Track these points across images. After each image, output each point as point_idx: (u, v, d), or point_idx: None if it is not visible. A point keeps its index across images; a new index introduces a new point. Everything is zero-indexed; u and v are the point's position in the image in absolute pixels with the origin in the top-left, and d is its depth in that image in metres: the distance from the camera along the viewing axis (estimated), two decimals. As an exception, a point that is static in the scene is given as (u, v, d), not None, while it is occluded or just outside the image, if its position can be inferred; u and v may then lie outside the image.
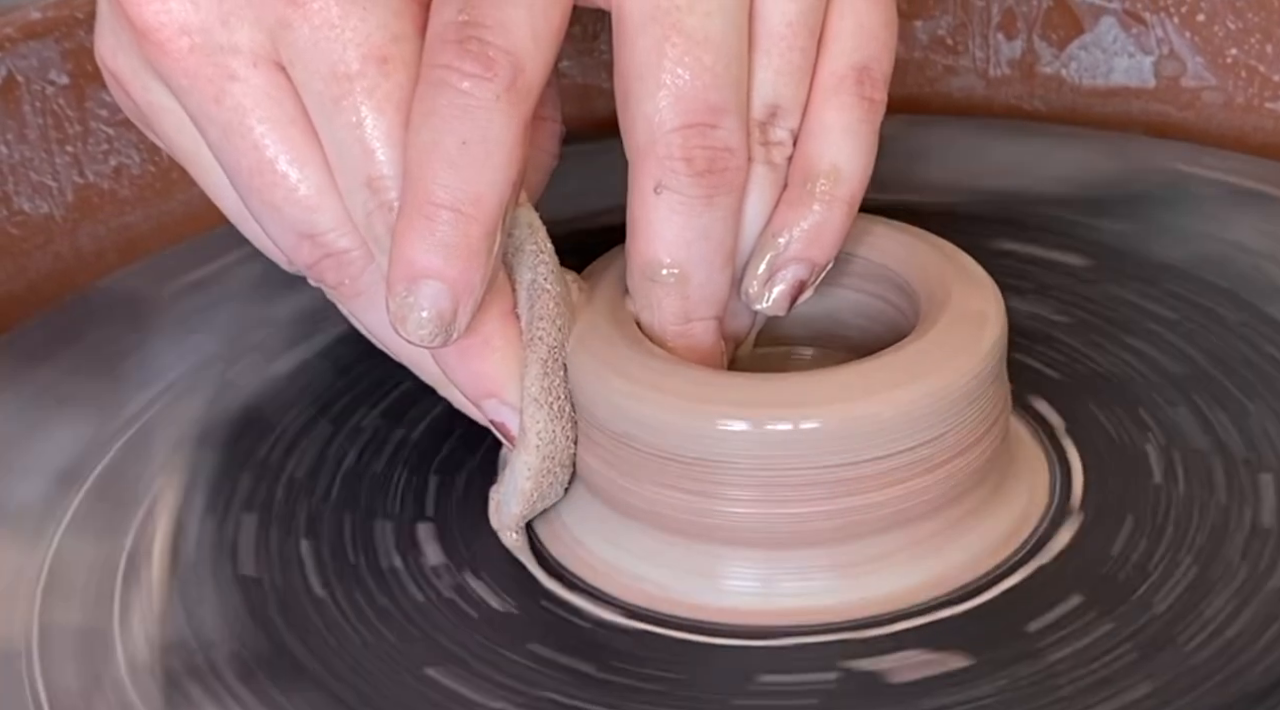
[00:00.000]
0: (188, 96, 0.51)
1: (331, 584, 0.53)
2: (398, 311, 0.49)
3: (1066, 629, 0.49)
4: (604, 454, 0.51)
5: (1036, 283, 0.64)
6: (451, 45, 0.48)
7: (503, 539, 0.53)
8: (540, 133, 0.55)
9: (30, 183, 0.72)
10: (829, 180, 0.53)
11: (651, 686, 0.49)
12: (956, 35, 0.81)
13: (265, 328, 0.64)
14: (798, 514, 0.50)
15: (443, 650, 0.50)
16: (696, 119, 0.50)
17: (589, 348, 0.52)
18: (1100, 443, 0.56)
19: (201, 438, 0.59)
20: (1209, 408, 0.57)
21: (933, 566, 0.51)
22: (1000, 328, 0.52)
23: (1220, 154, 0.73)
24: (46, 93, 0.71)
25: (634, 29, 0.51)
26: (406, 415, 0.59)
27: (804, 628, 0.50)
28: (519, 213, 0.52)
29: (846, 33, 0.53)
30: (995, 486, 0.53)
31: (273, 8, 0.49)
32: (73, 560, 0.54)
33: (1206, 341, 0.61)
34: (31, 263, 0.72)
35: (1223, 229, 0.67)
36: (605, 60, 0.78)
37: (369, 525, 0.55)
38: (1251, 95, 0.77)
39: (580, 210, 0.64)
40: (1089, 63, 0.80)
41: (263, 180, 0.51)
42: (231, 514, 0.56)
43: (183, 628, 0.52)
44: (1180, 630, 0.49)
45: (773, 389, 0.50)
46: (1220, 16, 0.77)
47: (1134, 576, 0.51)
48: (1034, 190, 0.70)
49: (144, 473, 0.58)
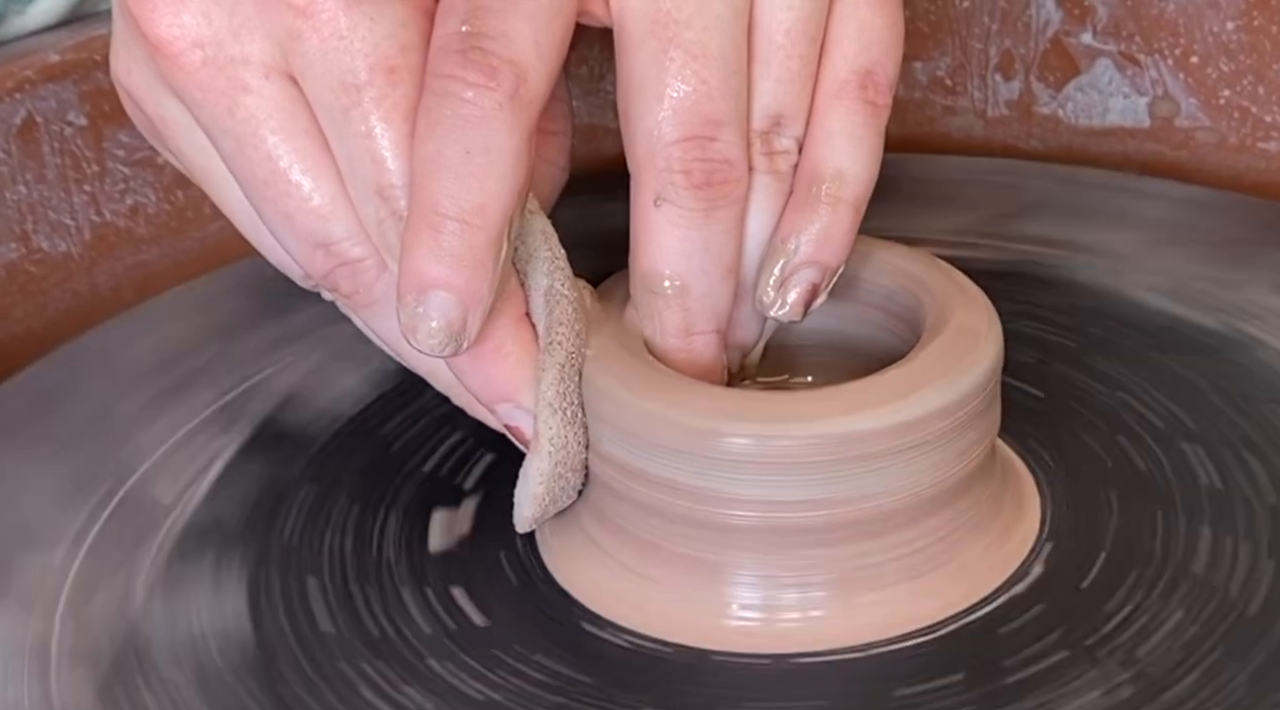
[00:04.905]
0: (201, 109, 0.51)
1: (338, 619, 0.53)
2: (408, 322, 0.49)
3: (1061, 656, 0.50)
4: (608, 467, 0.52)
5: (1025, 308, 0.65)
6: (455, 55, 0.48)
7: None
8: (549, 146, 0.56)
9: (49, 222, 0.72)
10: (834, 184, 0.53)
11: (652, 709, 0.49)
12: (955, 76, 0.82)
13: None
14: (799, 529, 0.50)
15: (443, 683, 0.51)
16: (695, 132, 0.51)
17: (594, 360, 0.52)
18: (1090, 468, 0.56)
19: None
20: (1201, 437, 0.58)
21: (931, 591, 0.51)
22: (996, 345, 0.52)
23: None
24: (65, 133, 0.72)
25: (634, 43, 0.51)
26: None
27: (806, 654, 0.50)
28: (532, 221, 0.52)
29: (848, 37, 0.53)
30: (988, 510, 0.53)
31: (283, 19, 0.50)
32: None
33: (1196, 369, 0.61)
34: (50, 300, 0.73)
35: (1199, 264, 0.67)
36: (610, 100, 0.79)
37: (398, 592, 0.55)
38: (1244, 136, 0.78)
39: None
40: (1085, 103, 0.80)
41: (276, 191, 0.51)
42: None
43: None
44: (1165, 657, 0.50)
45: (775, 404, 0.50)
46: (1213, 59, 0.78)
47: (1126, 604, 0.51)
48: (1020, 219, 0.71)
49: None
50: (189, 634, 0.52)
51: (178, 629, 0.53)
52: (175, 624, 0.53)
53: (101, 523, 0.57)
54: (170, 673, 0.51)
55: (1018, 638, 0.50)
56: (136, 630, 0.53)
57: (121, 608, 0.54)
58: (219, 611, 0.53)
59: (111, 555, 0.56)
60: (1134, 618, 0.51)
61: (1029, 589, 0.52)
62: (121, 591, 0.54)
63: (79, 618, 0.53)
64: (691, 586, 0.52)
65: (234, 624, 0.53)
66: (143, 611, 0.53)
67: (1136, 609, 0.51)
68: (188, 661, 0.52)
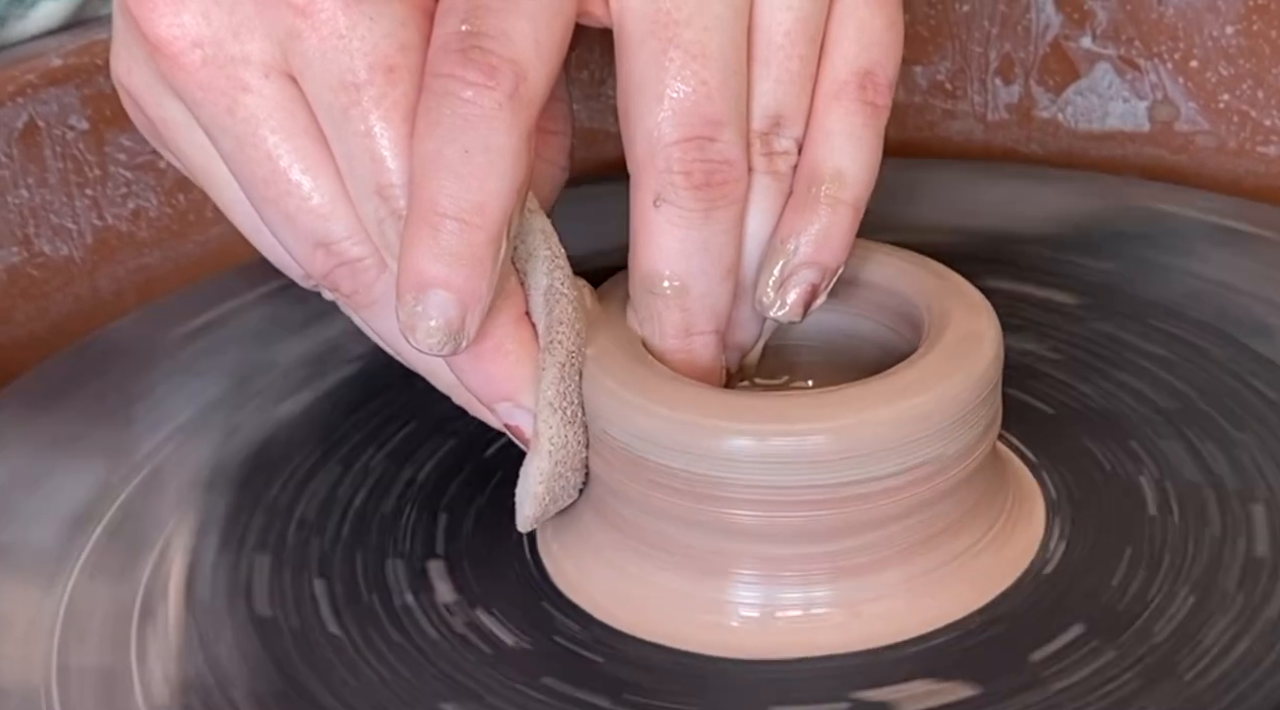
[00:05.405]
0: (201, 109, 0.51)
1: (346, 622, 0.53)
2: (407, 321, 0.49)
3: (1069, 658, 0.50)
4: (609, 468, 0.52)
5: (1027, 320, 0.65)
6: (454, 54, 0.48)
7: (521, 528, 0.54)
8: (549, 146, 0.55)
9: (50, 225, 0.72)
10: (833, 184, 0.53)
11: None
12: (955, 80, 0.82)
13: (270, 371, 0.65)
14: (801, 530, 0.50)
15: (458, 686, 0.50)
16: (694, 132, 0.51)
17: (594, 360, 0.52)
18: (1095, 475, 0.56)
19: (211, 480, 0.59)
20: (1200, 441, 0.58)
21: (936, 594, 0.52)
22: (996, 349, 0.52)
23: (1206, 195, 0.73)
24: (67, 138, 0.72)
25: (634, 43, 0.51)
26: (413, 456, 0.60)
27: (811, 658, 0.50)
28: (532, 220, 0.52)
29: (848, 38, 0.53)
30: (993, 514, 0.53)
31: (282, 19, 0.50)
32: (88, 603, 0.54)
33: (1195, 377, 0.61)
34: (52, 304, 0.73)
35: (1206, 267, 0.67)
36: (611, 105, 0.79)
37: (380, 563, 0.55)
38: (1244, 139, 0.78)
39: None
40: (1085, 107, 0.80)
41: (276, 190, 0.51)
42: (245, 555, 0.56)
43: (201, 667, 0.52)
44: (1180, 659, 0.49)
45: (776, 406, 0.50)
46: (1213, 63, 0.78)
47: (1134, 606, 0.51)
48: (1024, 230, 0.71)
49: (156, 515, 0.58)
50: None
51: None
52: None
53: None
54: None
55: (1022, 640, 0.51)
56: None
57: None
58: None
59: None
60: (1143, 617, 0.51)
61: (1034, 591, 0.52)
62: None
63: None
64: (693, 586, 0.52)
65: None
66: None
67: (1145, 610, 0.51)
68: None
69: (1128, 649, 0.50)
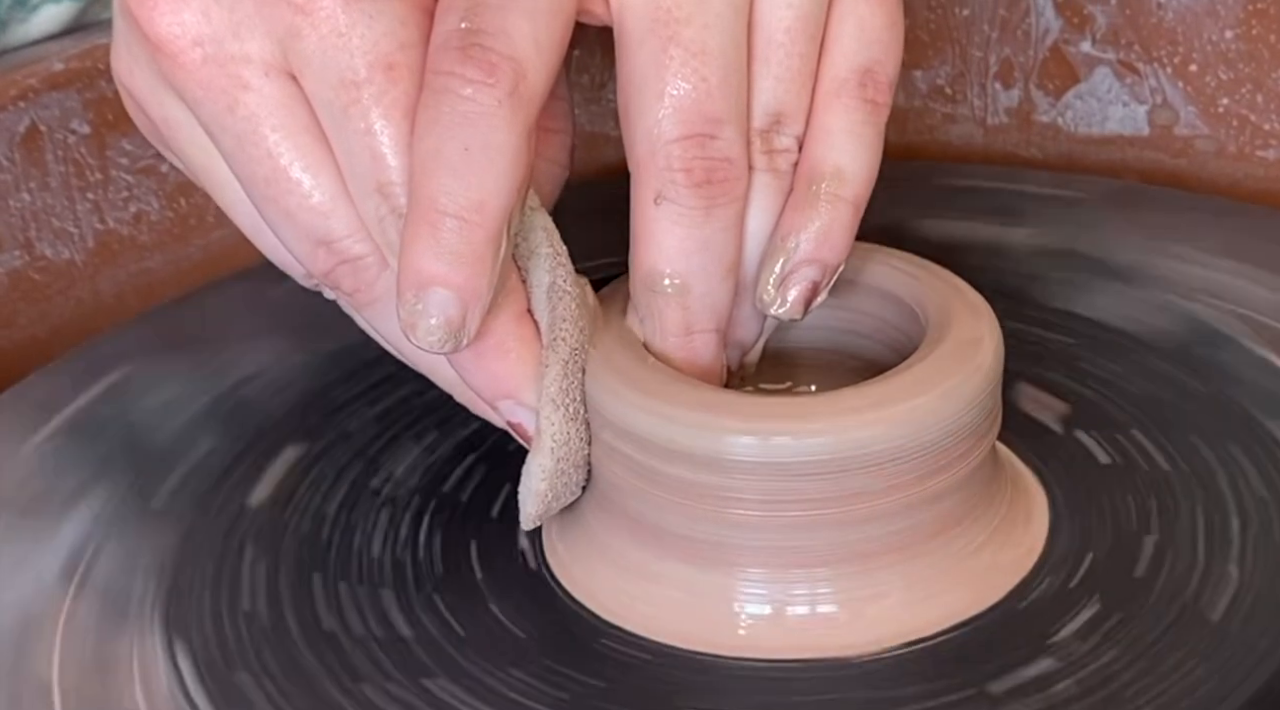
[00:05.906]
0: (201, 107, 0.51)
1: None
2: (408, 319, 0.49)
3: (1070, 658, 0.50)
4: (611, 465, 0.52)
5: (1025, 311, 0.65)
6: (454, 52, 0.48)
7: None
8: (550, 144, 0.55)
9: (52, 229, 0.73)
10: (834, 182, 0.53)
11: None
12: (955, 84, 0.82)
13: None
14: (804, 531, 0.50)
15: (455, 666, 0.51)
16: (695, 130, 0.51)
17: (596, 359, 0.52)
18: (1094, 474, 0.57)
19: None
20: (1200, 435, 0.58)
21: (936, 594, 0.52)
22: (996, 350, 0.52)
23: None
24: (68, 142, 0.72)
25: (634, 42, 0.51)
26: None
27: (813, 658, 0.50)
28: (534, 217, 0.52)
29: (848, 35, 0.53)
30: (994, 513, 0.53)
31: (282, 17, 0.50)
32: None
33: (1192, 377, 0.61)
34: (53, 307, 0.73)
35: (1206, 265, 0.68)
36: (612, 108, 0.79)
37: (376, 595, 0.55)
38: (1243, 143, 0.78)
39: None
40: (1084, 111, 0.80)
41: (277, 188, 0.51)
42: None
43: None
44: (1184, 653, 0.50)
45: (778, 405, 0.50)
46: (1212, 67, 0.78)
47: (1134, 605, 0.52)
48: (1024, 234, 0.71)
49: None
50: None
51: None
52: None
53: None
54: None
55: (1024, 641, 0.51)
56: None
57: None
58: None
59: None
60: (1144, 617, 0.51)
61: (1037, 595, 0.52)
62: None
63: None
64: (696, 586, 0.52)
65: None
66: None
67: (1146, 609, 0.51)
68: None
69: (1128, 648, 0.50)
